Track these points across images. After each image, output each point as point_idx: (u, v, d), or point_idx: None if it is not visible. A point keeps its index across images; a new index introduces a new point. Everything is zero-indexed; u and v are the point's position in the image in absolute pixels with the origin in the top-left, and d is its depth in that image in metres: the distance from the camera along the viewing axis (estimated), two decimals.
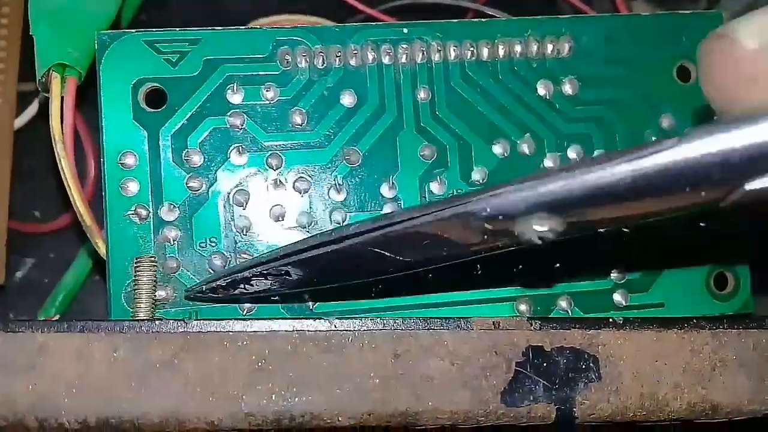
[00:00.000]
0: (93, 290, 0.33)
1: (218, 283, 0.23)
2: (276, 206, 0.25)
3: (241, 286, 0.23)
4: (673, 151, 0.15)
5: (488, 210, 0.17)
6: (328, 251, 0.20)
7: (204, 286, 0.23)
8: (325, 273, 0.21)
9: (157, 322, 0.20)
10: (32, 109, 0.33)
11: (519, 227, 0.17)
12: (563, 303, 0.26)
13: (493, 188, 0.18)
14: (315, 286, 0.23)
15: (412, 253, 0.19)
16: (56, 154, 0.24)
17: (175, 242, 0.24)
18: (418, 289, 0.25)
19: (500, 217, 0.17)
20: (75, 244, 0.33)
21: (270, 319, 0.20)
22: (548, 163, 0.26)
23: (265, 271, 0.22)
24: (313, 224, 0.25)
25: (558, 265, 0.25)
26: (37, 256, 0.34)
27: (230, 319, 0.20)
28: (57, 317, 0.32)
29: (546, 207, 0.17)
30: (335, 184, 0.25)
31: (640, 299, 0.26)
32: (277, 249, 0.23)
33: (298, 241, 0.22)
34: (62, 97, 0.25)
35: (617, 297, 0.26)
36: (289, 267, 0.21)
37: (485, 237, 0.18)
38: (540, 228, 0.17)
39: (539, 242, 0.17)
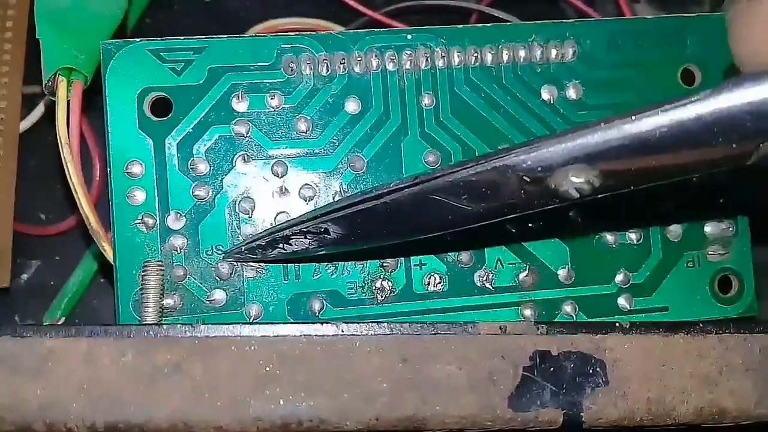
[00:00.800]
0: (98, 292, 0.33)
1: (258, 243, 0.23)
2: (281, 213, 0.25)
3: (280, 245, 0.23)
4: (706, 102, 0.16)
5: (527, 162, 0.18)
6: (368, 207, 0.21)
7: (243, 247, 0.24)
8: (363, 230, 0.22)
9: (164, 326, 0.20)
10: (37, 112, 0.34)
11: (556, 180, 0.17)
12: (568, 308, 0.26)
13: (531, 142, 0.18)
14: (353, 245, 0.23)
15: (450, 208, 0.20)
16: (62, 157, 0.24)
17: (182, 250, 0.24)
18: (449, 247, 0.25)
19: (538, 169, 0.18)
20: (80, 247, 0.33)
21: (277, 324, 0.20)
22: None
23: (304, 229, 0.22)
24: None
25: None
26: (43, 259, 0.34)
27: (238, 324, 0.20)
28: (63, 320, 0.33)
29: (583, 158, 0.17)
30: (340, 191, 0.25)
31: (644, 303, 0.26)
32: (318, 207, 0.23)
33: (338, 200, 0.22)
34: (68, 101, 0.25)
35: (621, 301, 0.26)
36: (329, 224, 0.21)
37: (523, 192, 0.18)
38: (577, 179, 0.17)
39: (576, 196, 0.17)
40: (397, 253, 0.25)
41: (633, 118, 0.17)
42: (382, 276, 0.25)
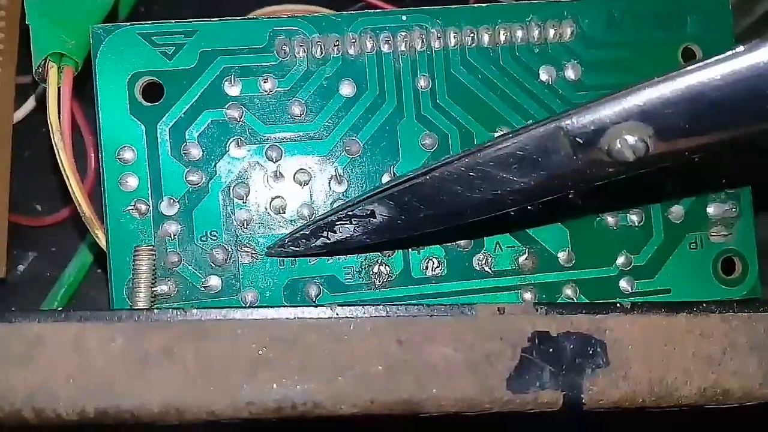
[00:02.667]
0: (95, 282, 0.33)
1: (302, 232, 0.23)
2: (276, 198, 0.25)
3: (324, 234, 0.23)
4: (758, 51, 0.16)
5: (579, 121, 0.18)
6: (416, 183, 0.20)
7: (287, 239, 0.24)
8: (410, 211, 0.21)
9: (155, 311, 0.20)
10: (31, 101, 0.33)
11: (610, 140, 0.17)
12: (568, 291, 0.25)
13: (583, 104, 0.18)
14: (398, 231, 0.22)
15: (501, 181, 0.19)
16: (54, 144, 0.24)
17: (176, 236, 0.24)
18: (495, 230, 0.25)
19: (591, 128, 0.17)
20: (77, 237, 0.33)
21: (271, 307, 0.20)
22: None
23: (350, 213, 0.22)
24: (314, 216, 0.25)
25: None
26: (39, 250, 0.34)
27: (230, 307, 0.20)
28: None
29: (636, 114, 0.17)
30: (336, 175, 0.25)
31: (646, 285, 0.26)
32: (366, 191, 0.23)
33: (387, 181, 0.22)
34: (59, 88, 0.25)
35: (623, 284, 0.26)
36: (376, 205, 0.21)
37: (575, 159, 0.18)
38: (631, 138, 0.17)
39: (630, 157, 0.17)
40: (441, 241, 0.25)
41: (687, 71, 0.17)
42: (379, 261, 0.25)
